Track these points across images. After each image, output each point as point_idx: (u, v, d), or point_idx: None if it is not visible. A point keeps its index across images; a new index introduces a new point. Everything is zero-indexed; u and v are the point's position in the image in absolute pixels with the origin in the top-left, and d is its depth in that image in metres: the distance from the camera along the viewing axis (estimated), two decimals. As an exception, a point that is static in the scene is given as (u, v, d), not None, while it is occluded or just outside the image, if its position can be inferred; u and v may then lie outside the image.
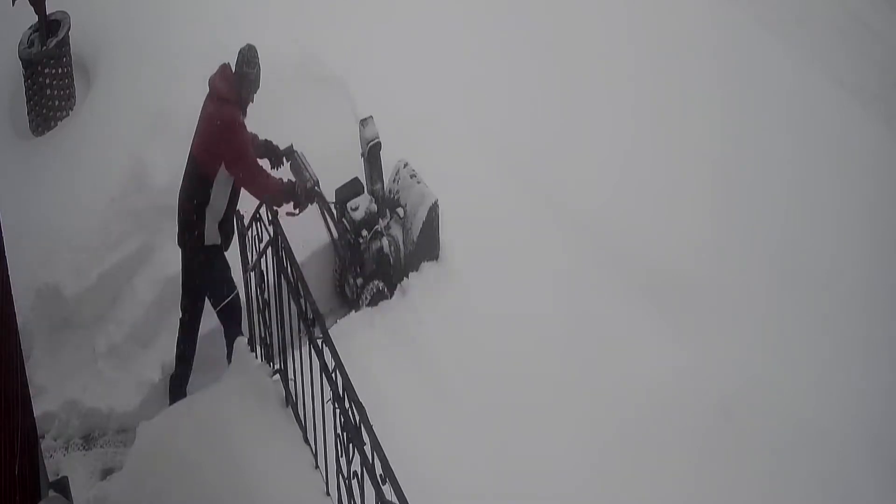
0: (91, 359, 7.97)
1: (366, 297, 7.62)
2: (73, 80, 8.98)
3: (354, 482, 5.15)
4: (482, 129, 8.40)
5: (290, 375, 6.02)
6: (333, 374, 5.23)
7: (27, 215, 8.15)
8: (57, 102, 8.85)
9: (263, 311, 6.23)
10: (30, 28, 8.80)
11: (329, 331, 5.44)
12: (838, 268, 8.37)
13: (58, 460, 7.65)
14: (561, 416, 7.15)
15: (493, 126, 8.60)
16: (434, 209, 7.52)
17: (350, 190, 7.50)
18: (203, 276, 7.17)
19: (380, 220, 7.52)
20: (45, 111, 8.84)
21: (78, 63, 9.08)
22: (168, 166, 8.29)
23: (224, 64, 7.03)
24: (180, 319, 7.36)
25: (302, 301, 5.66)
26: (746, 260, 8.19)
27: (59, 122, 8.91)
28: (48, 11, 8.73)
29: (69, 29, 8.80)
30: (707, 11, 10.08)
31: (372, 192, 7.57)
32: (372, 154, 7.46)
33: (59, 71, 8.79)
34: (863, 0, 11.14)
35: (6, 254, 5.63)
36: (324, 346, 5.35)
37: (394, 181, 7.68)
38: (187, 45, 9.00)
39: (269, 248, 6.00)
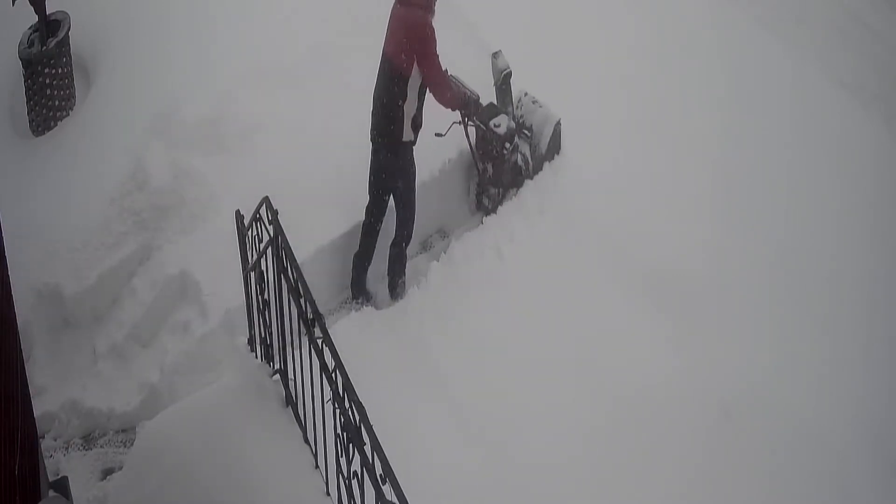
0: (91, 359, 7.97)
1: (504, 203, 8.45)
2: (73, 80, 8.99)
3: (354, 482, 5.14)
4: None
5: (290, 375, 6.02)
6: (333, 374, 5.23)
7: (27, 215, 8.16)
8: (57, 102, 8.86)
9: (263, 311, 6.23)
10: (30, 28, 8.81)
11: (329, 331, 5.43)
12: (838, 268, 8.37)
13: (58, 460, 7.66)
14: (560, 415, 7.15)
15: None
16: (558, 125, 8.46)
17: (490, 111, 8.25)
18: (396, 171, 7.77)
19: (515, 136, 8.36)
20: (45, 111, 8.85)
21: (78, 63, 9.09)
22: (168, 166, 8.30)
23: None
24: (364, 223, 7.99)
25: (302, 301, 5.65)
26: (746, 259, 8.18)
27: (59, 122, 8.92)
28: (48, 11, 8.74)
29: (69, 29, 8.81)
30: (707, 11, 10.09)
31: (505, 114, 8.33)
32: (504, 82, 8.26)
33: (59, 71, 8.80)
34: (863, 0, 11.14)
35: (6, 254, 5.64)
36: (324, 346, 5.34)
37: (517, 108, 8.49)
38: (187, 46, 9.01)
39: (269, 248, 5.99)
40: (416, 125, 7.69)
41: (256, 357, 6.51)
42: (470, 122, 8.12)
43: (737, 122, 9.09)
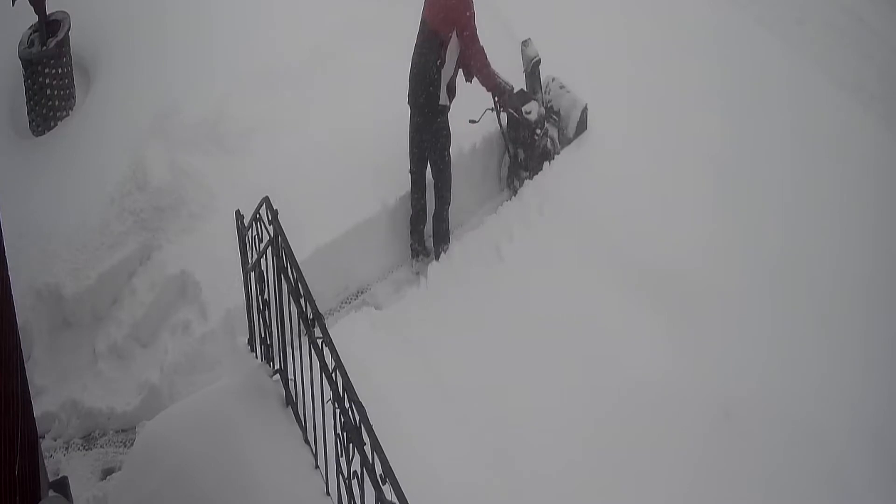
0: (91, 359, 7.98)
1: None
2: (73, 80, 9.00)
3: (354, 482, 5.14)
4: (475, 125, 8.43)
5: (290, 375, 6.02)
6: (333, 374, 5.22)
7: (27, 215, 8.16)
8: (57, 102, 8.86)
9: (263, 311, 6.23)
10: (30, 28, 8.82)
11: (329, 331, 5.43)
12: (839, 268, 8.36)
13: (58, 460, 7.66)
14: (560, 416, 7.15)
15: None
16: (585, 110, 8.73)
17: (521, 98, 8.51)
18: (431, 133, 7.99)
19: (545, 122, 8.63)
20: (45, 111, 8.86)
21: (78, 63, 9.09)
22: (168, 166, 8.30)
23: None
24: (410, 186, 8.25)
25: (302, 301, 5.65)
26: (747, 259, 8.18)
27: (59, 122, 8.93)
28: (48, 11, 8.75)
29: (69, 29, 8.81)
30: (707, 11, 10.08)
31: (535, 101, 8.61)
32: (533, 70, 8.53)
33: (59, 71, 8.80)
34: (863, 0, 11.13)
35: (6, 254, 5.64)
36: (324, 346, 5.34)
37: (545, 93, 8.75)
38: (187, 46, 9.02)
39: (269, 248, 5.99)
40: (451, 91, 7.91)
41: (256, 357, 6.50)
42: (503, 110, 8.33)
43: (737, 122, 9.09)
